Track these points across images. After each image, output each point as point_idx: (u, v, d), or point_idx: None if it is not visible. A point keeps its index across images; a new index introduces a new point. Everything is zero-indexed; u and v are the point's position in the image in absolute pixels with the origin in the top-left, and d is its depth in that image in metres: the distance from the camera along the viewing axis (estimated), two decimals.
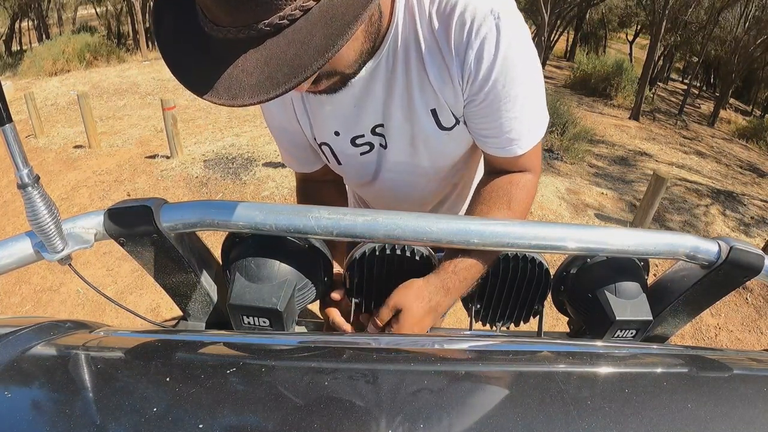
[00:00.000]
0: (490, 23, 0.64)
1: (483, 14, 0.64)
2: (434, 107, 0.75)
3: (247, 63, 0.52)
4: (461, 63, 0.68)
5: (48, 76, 10.03)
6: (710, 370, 0.53)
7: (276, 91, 0.51)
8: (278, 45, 0.51)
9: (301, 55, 0.50)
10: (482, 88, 0.69)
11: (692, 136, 9.24)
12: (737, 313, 3.82)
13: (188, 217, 0.61)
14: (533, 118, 0.75)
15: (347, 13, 0.51)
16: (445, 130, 0.78)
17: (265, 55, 0.51)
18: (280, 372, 0.46)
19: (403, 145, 0.82)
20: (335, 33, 0.50)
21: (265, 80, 0.51)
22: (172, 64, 0.56)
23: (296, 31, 0.51)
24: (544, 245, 0.64)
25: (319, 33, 0.51)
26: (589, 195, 5.46)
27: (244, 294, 0.66)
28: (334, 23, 0.50)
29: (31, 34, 16.14)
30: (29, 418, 0.38)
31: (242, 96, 0.51)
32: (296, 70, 0.50)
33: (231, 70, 0.52)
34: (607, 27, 16.25)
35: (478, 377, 0.48)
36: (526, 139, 0.75)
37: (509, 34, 0.66)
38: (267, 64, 0.51)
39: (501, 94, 0.70)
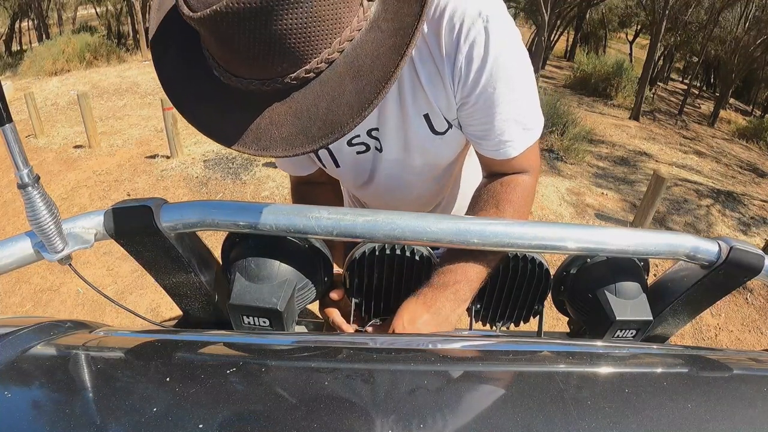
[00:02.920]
0: (479, 26, 0.65)
1: (472, 18, 0.64)
2: (427, 112, 0.75)
3: (275, 115, 0.51)
4: (452, 67, 0.68)
5: (48, 76, 10.03)
6: (710, 370, 0.53)
7: (313, 145, 0.50)
8: (306, 98, 0.51)
9: (334, 110, 0.50)
10: (473, 90, 0.69)
11: (692, 136, 9.24)
12: (737, 313, 3.82)
13: (188, 217, 0.61)
14: (525, 119, 0.74)
15: (376, 68, 0.50)
16: (438, 134, 0.78)
17: (294, 108, 0.51)
18: (280, 372, 0.46)
19: (398, 149, 0.82)
20: (368, 90, 0.50)
21: (298, 134, 0.51)
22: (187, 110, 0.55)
23: (323, 84, 0.51)
24: (544, 245, 0.64)
25: (350, 87, 0.50)
26: (589, 195, 5.46)
27: (244, 294, 0.66)
28: (363, 77, 0.50)
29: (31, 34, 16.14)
30: (29, 418, 0.38)
31: (273, 148, 0.51)
32: (332, 126, 0.50)
33: (257, 121, 0.52)
34: (607, 27, 16.24)
35: (478, 377, 0.48)
36: (519, 141, 0.75)
37: (498, 36, 0.66)
38: (297, 117, 0.51)
39: (492, 96, 0.70)
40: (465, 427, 0.38)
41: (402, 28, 0.51)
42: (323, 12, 0.47)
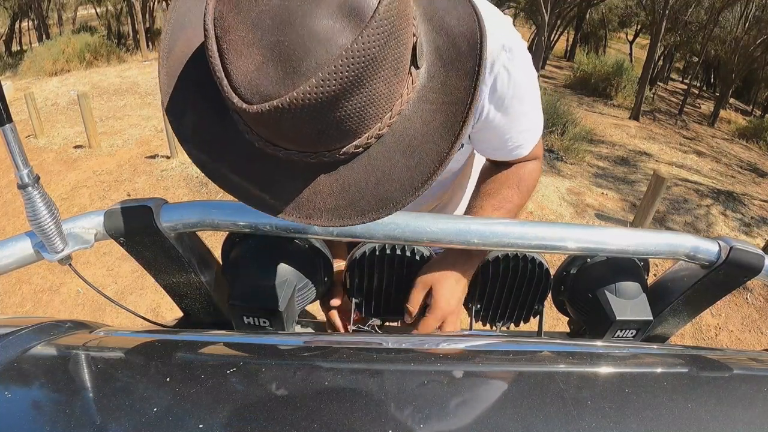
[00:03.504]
0: (503, 59, 0.68)
1: (496, 52, 0.67)
2: None
3: (319, 185, 0.49)
4: None
5: (48, 76, 10.02)
6: (710, 370, 0.53)
7: (363, 219, 0.49)
8: (354, 171, 0.48)
9: (385, 186, 0.48)
10: (494, 118, 0.73)
11: (692, 136, 9.23)
12: (737, 313, 3.82)
13: (188, 217, 0.61)
14: (535, 125, 0.79)
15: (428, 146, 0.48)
16: None
17: (341, 181, 0.49)
18: (280, 372, 0.46)
19: None
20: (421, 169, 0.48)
21: (346, 206, 0.49)
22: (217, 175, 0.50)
23: (372, 158, 0.48)
24: (544, 245, 0.64)
25: (401, 163, 0.48)
26: (589, 195, 5.46)
27: (244, 294, 0.66)
28: (414, 154, 0.48)
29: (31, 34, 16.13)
30: (29, 418, 0.38)
31: (318, 217, 0.49)
32: (383, 202, 0.49)
33: (299, 190, 0.49)
34: (607, 27, 16.23)
35: (479, 377, 0.48)
36: (529, 143, 0.79)
37: (519, 66, 0.69)
38: (345, 190, 0.49)
39: (510, 118, 0.74)
40: (465, 426, 0.38)
41: (453, 102, 0.49)
42: (380, 91, 0.44)
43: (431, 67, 0.50)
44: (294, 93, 0.40)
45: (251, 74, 0.41)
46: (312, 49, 0.40)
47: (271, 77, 0.41)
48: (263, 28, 0.41)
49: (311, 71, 0.40)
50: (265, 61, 0.41)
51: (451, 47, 0.50)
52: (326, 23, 0.40)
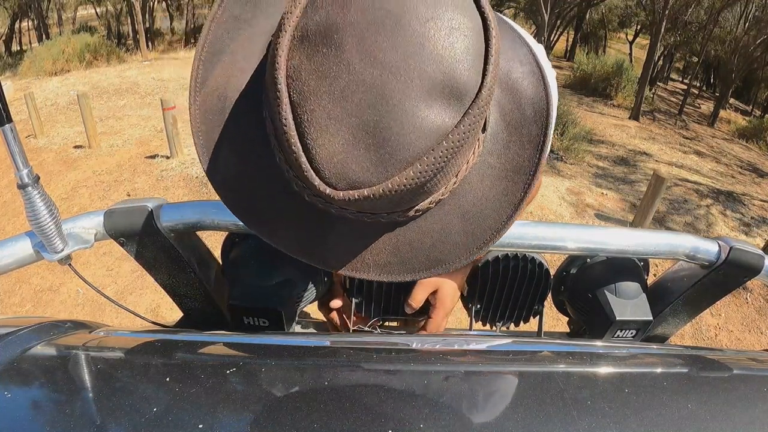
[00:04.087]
0: None
1: None
2: None
3: (372, 243, 0.47)
4: None
5: (48, 76, 10.03)
6: (710, 370, 0.53)
7: (413, 276, 0.48)
8: (410, 232, 0.47)
9: (440, 248, 0.47)
10: None
11: (692, 136, 9.24)
12: (737, 313, 3.83)
13: (188, 217, 0.61)
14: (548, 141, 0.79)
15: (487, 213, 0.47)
16: None
17: (395, 240, 0.47)
18: (280, 372, 0.46)
19: None
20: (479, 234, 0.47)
21: (397, 263, 0.47)
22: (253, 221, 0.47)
23: (429, 221, 0.46)
24: (544, 245, 0.64)
25: (458, 227, 0.47)
26: (589, 195, 5.46)
27: (244, 294, 0.66)
28: (472, 220, 0.47)
29: (31, 34, 16.13)
30: (29, 418, 0.38)
31: (366, 271, 0.48)
32: (436, 262, 0.48)
33: (350, 245, 0.47)
34: (607, 27, 16.24)
35: (478, 377, 0.48)
36: None
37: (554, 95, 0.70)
38: (397, 249, 0.47)
39: None
40: (465, 426, 0.38)
41: (515, 171, 0.47)
42: (452, 167, 0.41)
43: (495, 128, 0.47)
44: (388, 184, 0.37)
45: (338, 156, 0.37)
46: (410, 134, 0.36)
47: (362, 162, 0.37)
48: (354, 102, 0.36)
49: (408, 161, 0.37)
50: (355, 142, 0.37)
51: (517, 110, 0.47)
52: (425, 106, 0.36)
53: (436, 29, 0.36)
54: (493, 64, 0.39)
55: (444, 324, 0.73)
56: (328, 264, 0.48)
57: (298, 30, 0.37)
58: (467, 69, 0.37)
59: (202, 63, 0.45)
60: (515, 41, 0.48)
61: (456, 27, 0.37)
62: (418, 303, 0.71)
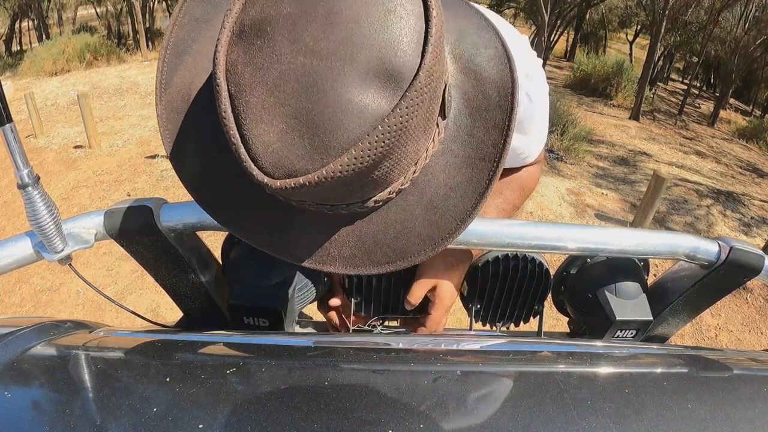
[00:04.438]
0: (526, 88, 0.68)
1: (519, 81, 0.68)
2: None
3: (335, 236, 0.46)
4: None
5: (48, 76, 10.02)
6: (710, 370, 0.53)
7: (378, 269, 0.47)
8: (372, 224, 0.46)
9: (403, 239, 0.46)
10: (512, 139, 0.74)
11: (692, 136, 9.24)
12: (737, 313, 3.82)
13: (188, 217, 0.61)
14: (543, 137, 0.80)
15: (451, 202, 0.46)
16: None
17: (358, 232, 0.46)
18: (280, 372, 0.46)
19: None
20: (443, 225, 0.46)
21: (361, 256, 0.47)
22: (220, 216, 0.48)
23: (391, 212, 0.46)
24: (544, 245, 0.64)
25: (421, 218, 0.46)
26: (589, 195, 5.46)
27: (244, 294, 0.66)
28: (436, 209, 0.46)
29: (31, 34, 16.13)
30: (29, 418, 0.38)
31: (332, 264, 0.47)
32: (400, 254, 0.47)
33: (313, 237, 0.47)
34: (607, 27, 16.24)
35: (478, 377, 0.48)
36: (537, 152, 0.81)
37: (540, 90, 0.70)
38: (361, 241, 0.46)
39: (526, 138, 0.75)
40: (465, 426, 0.38)
41: (479, 158, 0.46)
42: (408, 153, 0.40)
43: (458, 115, 0.46)
44: (323, 171, 0.36)
45: (273, 145, 0.37)
46: (343, 120, 0.36)
47: (297, 151, 0.37)
48: (286, 91, 0.36)
49: (342, 147, 0.36)
50: (289, 130, 0.37)
51: (480, 94, 0.46)
52: (359, 90, 0.36)
53: (370, 13, 0.36)
54: (433, 45, 0.37)
55: (444, 321, 0.73)
56: (294, 257, 0.48)
57: (236, 25, 0.38)
58: (404, 51, 0.36)
59: (166, 65, 0.46)
60: (480, 26, 0.47)
61: (391, 9, 0.37)
62: (416, 299, 0.71)
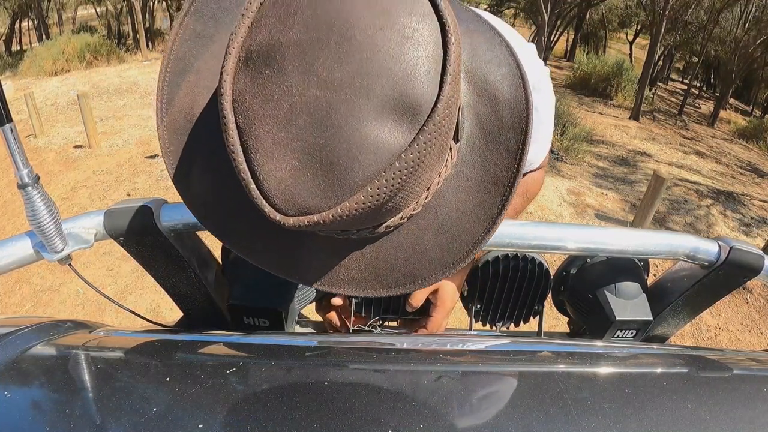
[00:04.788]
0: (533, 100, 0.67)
1: None
2: None
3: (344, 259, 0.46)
4: None
5: (48, 76, 10.03)
6: (710, 370, 0.53)
7: (388, 291, 0.46)
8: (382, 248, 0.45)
9: (414, 263, 0.45)
10: None
11: (692, 136, 9.24)
12: (737, 313, 3.83)
13: (188, 217, 0.61)
14: (547, 140, 0.79)
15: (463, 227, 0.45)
16: None
17: (368, 255, 0.45)
18: (280, 372, 0.46)
19: None
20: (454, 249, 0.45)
21: (371, 279, 0.46)
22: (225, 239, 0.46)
23: (401, 237, 0.45)
24: (544, 245, 0.64)
25: (432, 242, 0.45)
26: (589, 195, 5.46)
27: (244, 294, 0.66)
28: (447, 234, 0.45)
29: (31, 34, 16.13)
30: (29, 418, 0.38)
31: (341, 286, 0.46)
32: (411, 278, 0.46)
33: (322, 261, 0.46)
34: (607, 27, 16.24)
35: (478, 377, 0.48)
36: (541, 158, 0.80)
37: (547, 100, 0.70)
38: (371, 265, 0.46)
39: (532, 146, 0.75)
40: (465, 426, 0.38)
41: (492, 182, 0.44)
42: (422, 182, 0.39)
43: (471, 137, 0.45)
44: (338, 210, 0.35)
45: (286, 182, 0.35)
46: (358, 156, 0.34)
47: (311, 188, 0.35)
48: (299, 125, 0.34)
49: (358, 185, 0.35)
50: (302, 167, 0.35)
51: (494, 115, 0.45)
52: (375, 125, 0.34)
53: (385, 40, 0.34)
54: (452, 74, 0.36)
55: (444, 323, 0.73)
56: (304, 280, 0.47)
57: (243, 51, 0.36)
58: (422, 82, 0.35)
59: (167, 83, 0.44)
60: (493, 42, 0.46)
61: (408, 35, 0.34)
62: (418, 302, 0.71)
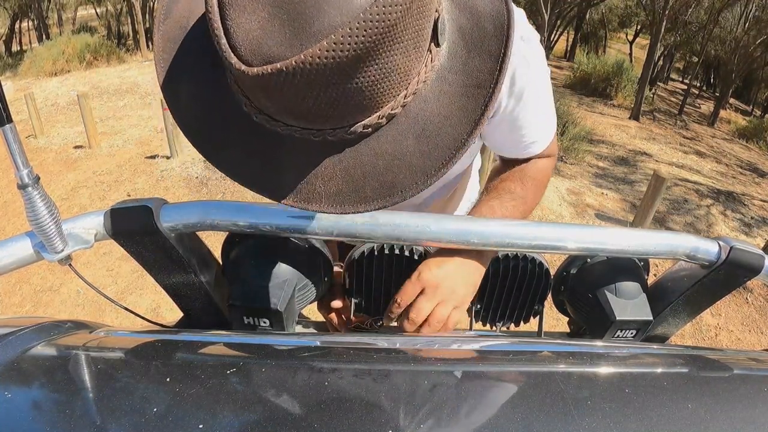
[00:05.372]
0: (523, 50, 0.66)
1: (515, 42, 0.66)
2: None
3: (321, 168, 0.45)
4: None
5: (48, 77, 10.02)
6: (710, 370, 0.53)
7: (366, 206, 0.45)
8: (361, 153, 0.45)
9: (394, 171, 0.45)
10: (512, 111, 0.71)
11: (692, 136, 9.23)
12: (737, 313, 3.82)
13: (188, 217, 0.61)
14: (548, 120, 0.77)
15: (445, 131, 0.44)
16: None
17: (345, 163, 0.45)
18: (281, 372, 0.46)
19: None
20: (436, 155, 0.44)
21: (348, 191, 0.45)
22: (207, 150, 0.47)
23: (381, 141, 0.44)
24: (544, 245, 0.64)
25: (413, 148, 0.44)
26: (589, 195, 5.46)
27: (244, 294, 0.66)
28: (429, 139, 0.45)
29: (31, 34, 16.14)
30: (29, 418, 0.38)
31: (317, 202, 0.45)
32: (390, 188, 0.45)
33: (298, 169, 0.45)
34: (607, 27, 16.24)
35: (478, 377, 0.48)
36: (542, 140, 0.78)
37: (536, 56, 0.68)
38: (348, 174, 0.45)
39: (527, 112, 0.72)
40: (465, 427, 0.38)
41: (475, 86, 0.45)
42: (397, 65, 0.40)
43: (453, 46, 0.46)
44: (301, 56, 0.36)
45: (254, 32, 0.37)
46: (325, 8, 0.36)
47: (277, 37, 0.37)
48: None
49: (322, 33, 0.36)
50: (271, 18, 0.37)
51: (476, 27, 0.46)
52: None
53: None
54: None
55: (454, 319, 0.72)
56: (280, 195, 0.46)
57: None
58: None
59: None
60: None
61: None
62: (408, 298, 0.70)
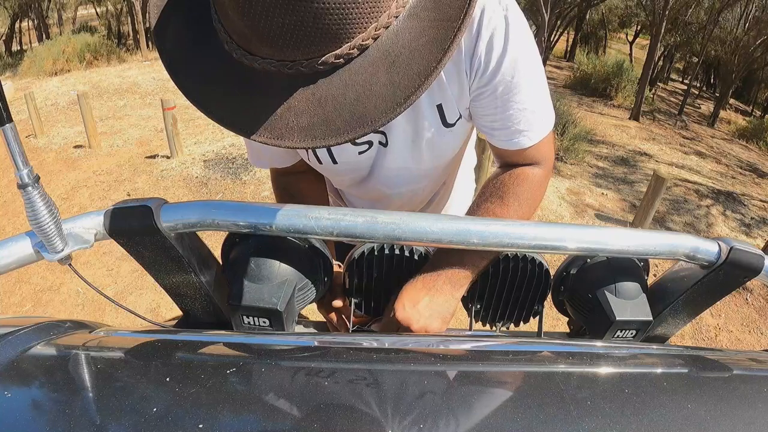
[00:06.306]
0: (500, 15, 0.65)
1: (492, 6, 0.65)
2: (440, 102, 0.74)
3: (294, 101, 0.46)
4: (470, 55, 0.68)
5: (48, 76, 10.02)
6: (710, 370, 0.53)
7: (336, 139, 0.46)
8: (333, 85, 0.46)
9: (364, 102, 0.46)
10: (492, 78, 0.69)
11: (692, 137, 9.23)
12: (737, 313, 3.82)
13: (188, 217, 0.61)
14: (540, 109, 0.75)
15: (415, 61, 0.46)
16: (448, 126, 0.78)
17: (318, 95, 0.46)
18: (280, 372, 0.46)
19: (405, 143, 0.81)
20: (405, 84, 0.46)
21: (319, 124, 0.46)
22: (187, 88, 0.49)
23: (354, 72, 0.46)
24: (544, 245, 0.64)
25: (383, 78, 0.46)
26: (589, 195, 5.46)
27: (244, 294, 0.66)
28: (399, 69, 0.46)
29: (31, 34, 16.14)
30: (29, 418, 0.38)
31: (289, 137, 0.47)
32: (360, 119, 0.46)
33: (271, 105, 0.47)
34: (607, 27, 16.25)
35: (478, 377, 0.48)
36: (533, 131, 0.75)
37: (517, 25, 0.67)
38: (321, 106, 0.46)
39: (510, 84, 0.70)
40: (465, 427, 0.38)
41: (444, 19, 0.47)
42: None
43: None
44: None
45: None
46: None
47: None
48: None
49: None
50: None
51: None
52: None
53: None
54: None
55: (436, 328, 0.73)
56: (254, 131, 0.48)
57: None
58: None
59: None
60: None
61: None
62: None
